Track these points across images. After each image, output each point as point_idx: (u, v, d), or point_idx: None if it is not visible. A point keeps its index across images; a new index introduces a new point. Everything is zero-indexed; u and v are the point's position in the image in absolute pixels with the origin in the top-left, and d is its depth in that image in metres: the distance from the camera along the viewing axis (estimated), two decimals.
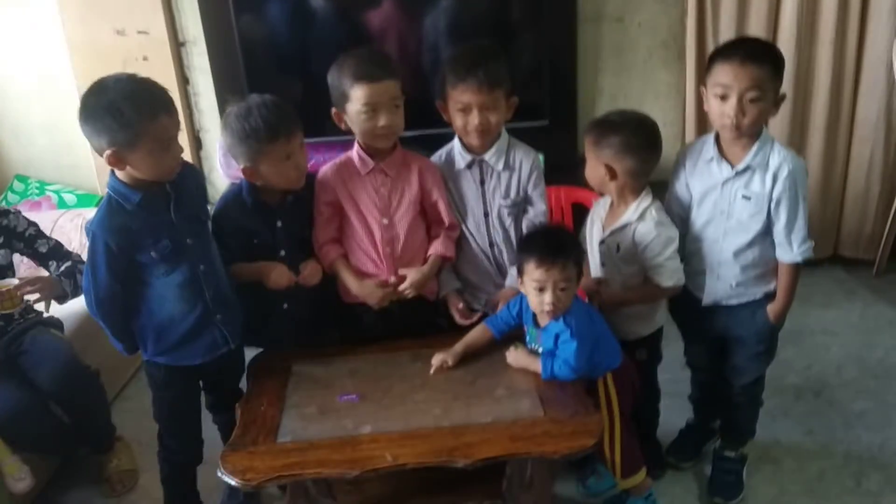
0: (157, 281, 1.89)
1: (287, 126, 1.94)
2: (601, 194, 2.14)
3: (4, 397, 2.13)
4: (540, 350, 1.95)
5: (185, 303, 1.92)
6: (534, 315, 1.95)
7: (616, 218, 2.05)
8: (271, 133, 1.91)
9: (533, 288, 1.87)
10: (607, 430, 1.99)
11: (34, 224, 2.33)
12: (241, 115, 1.93)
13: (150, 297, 1.91)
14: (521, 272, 1.91)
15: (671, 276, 2.01)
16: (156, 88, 1.77)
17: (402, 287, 2.06)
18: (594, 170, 2.04)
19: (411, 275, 2.06)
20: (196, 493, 2.22)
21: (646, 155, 1.99)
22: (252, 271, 2.04)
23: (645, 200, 2.02)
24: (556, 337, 1.88)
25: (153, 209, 1.85)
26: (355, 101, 1.96)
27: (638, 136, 1.98)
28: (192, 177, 2.02)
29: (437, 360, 1.98)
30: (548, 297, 1.85)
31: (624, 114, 2.06)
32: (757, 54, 1.87)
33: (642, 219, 2.00)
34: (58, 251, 2.33)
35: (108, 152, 1.75)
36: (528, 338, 1.99)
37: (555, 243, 1.89)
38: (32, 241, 2.30)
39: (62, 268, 2.28)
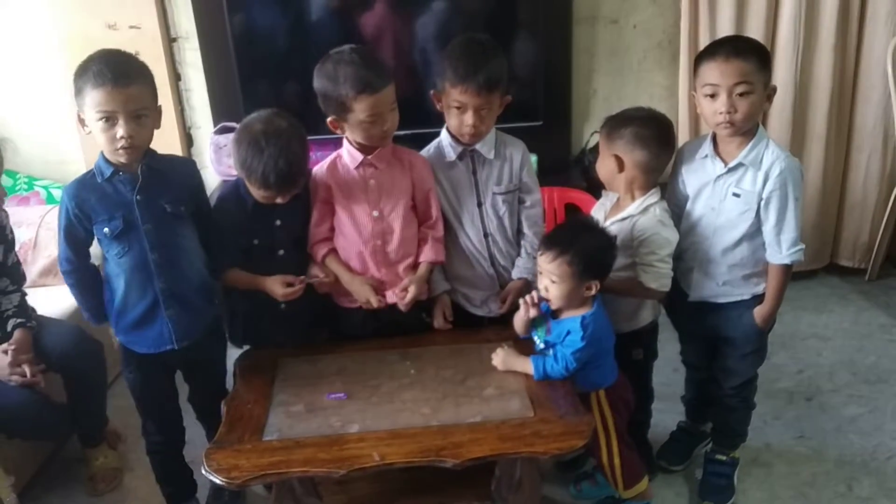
0: (112, 260, 1.94)
1: (286, 188, 1.92)
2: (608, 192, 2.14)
3: (5, 390, 2.11)
4: (541, 346, 1.94)
5: (136, 288, 1.95)
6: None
7: (619, 211, 2.05)
8: (267, 189, 1.92)
9: (538, 271, 1.94)
10: (604, 443, 1.99)
11: (13, 233, 2.28)
12: (252, 151, 1.88)
13: (110, 274, 1.97)
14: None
15: (658, 278, 1.98)
16: (119, 62, 1.81)
17: (405, 302, 2.04)
18: (605, 162, 2.04)
19: (412, 289, 2.04)
20: (188, 470, 2.21)
21: (656, 148, 1.98)
22: (251, 282, 2.03)
23: (652, 198, 2.01)
24: (567, 333, 1.88)
25: (119, 187, 1.89)
26: (358, 111, 1.93)
27: (649, 129, 1.97)
28: (182, 170, 2.03)
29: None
30: (542, 282, 1.91)
31: (639, 109, 2.06)
32: (741, 49, 1.88)
33: (645, 213, 1.99)
34: (15, 272, 2.26)
35: (77, 110, 1.84)
36: (535, 332, 1.98)
37: (560, 234, 1.93)
38: (6, 249, 2.23)
39: (15, 303, 2.21)
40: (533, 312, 1.92)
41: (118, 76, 1.77)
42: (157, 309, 1.96)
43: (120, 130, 1.79)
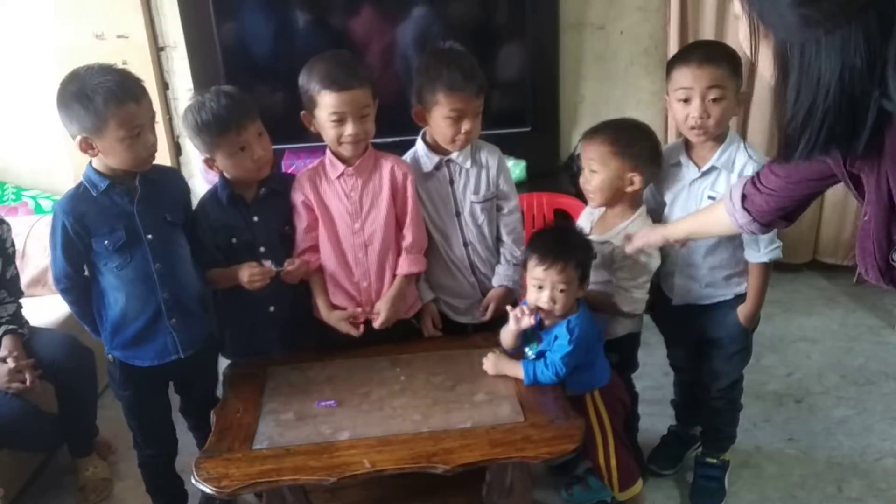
0: (111, 273, 1.91)
1: (238, 118, 1.92)
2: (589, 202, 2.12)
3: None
4: (532, 356, 1.93)
5: (137, 300, 1.93)
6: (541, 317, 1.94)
7: (606, 227, 2.04)
8: (221, 126, 1.91)
9: (532, 285, 1.88)
10: (601, 443, 1.99)
11: (14, 246, 2.30)
12: (194, 108, 1.93)
13: (106, 288, 1.94)
14: (524, 266, 1.93)
15: (632, 303, 2.01)
16: (126, 77, 1.82)
17: (377, 324, 2.04)
18: (610, 177, 1.97)
19: (383, 310, 2.03)
20: (179, 480, 2.19)
21: (660, 163, 2.01)
22: (226, 276, 2.02)
23: (637, 223, 2.01)
24: (555, 339, 1.88)
25: (117, 199, 1.88)
26: (323, 107, 1.93)
27: (656, 144, 2.00)
28: (173, 179, 2.05)
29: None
30: (545, 295, 1.86)
31: (635, 121, 2.06)
32: (713, 55, 1.90)
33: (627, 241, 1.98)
34: (14, 284, 2.28)
35: (78, 138, 1.80)
36: (528, 347, 1.96)
37: (557, 243, 1.89)
38: (5, 262, 2.24)
39: (10, 312, 2.22)
40: (527, 322, 1.88)
41: (135, 93, 1.80)
42: (160, 320, 1.95)
43: (149, 139, 1.84)
